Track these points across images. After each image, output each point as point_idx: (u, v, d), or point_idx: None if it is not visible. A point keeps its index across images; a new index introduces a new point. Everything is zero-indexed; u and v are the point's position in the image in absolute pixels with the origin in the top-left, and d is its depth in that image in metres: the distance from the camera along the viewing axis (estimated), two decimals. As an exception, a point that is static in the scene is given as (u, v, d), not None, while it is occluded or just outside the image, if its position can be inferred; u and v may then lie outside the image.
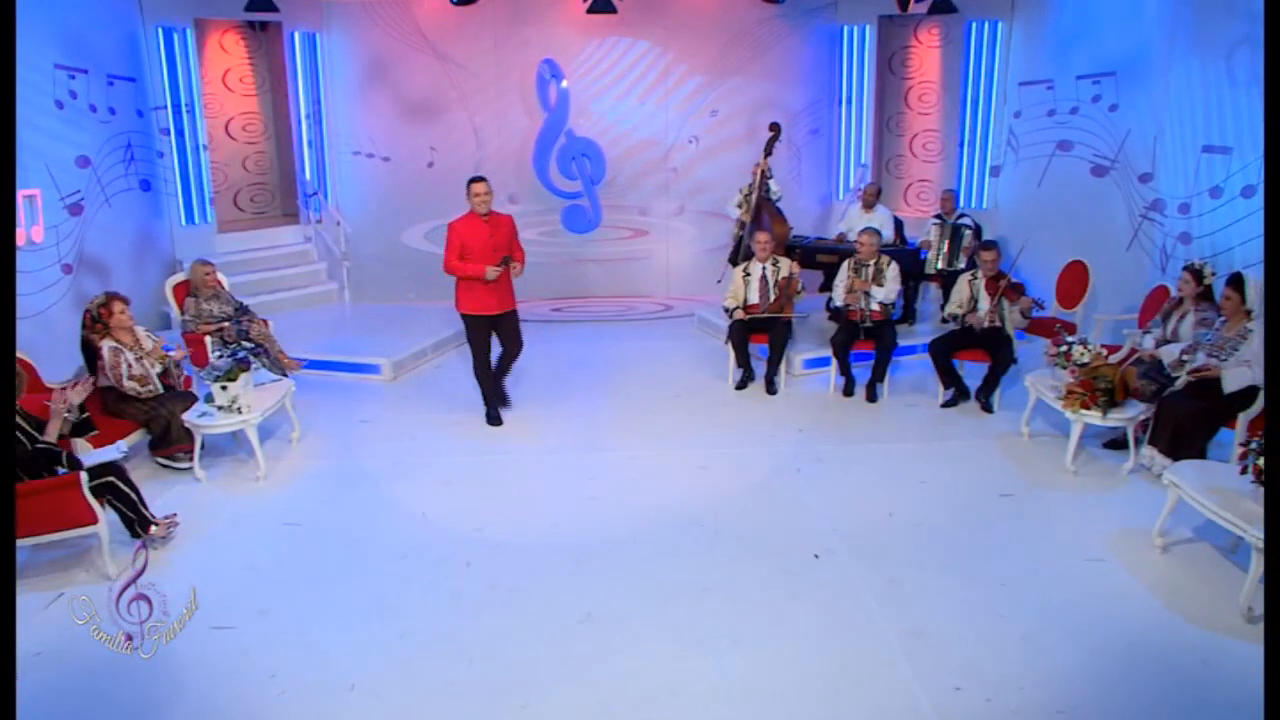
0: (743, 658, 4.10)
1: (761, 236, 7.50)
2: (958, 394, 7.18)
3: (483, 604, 4.56)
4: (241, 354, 6.05)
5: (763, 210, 8.38)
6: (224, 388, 5.88)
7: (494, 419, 6.90)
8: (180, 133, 9.08)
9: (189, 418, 5.85)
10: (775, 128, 8.53)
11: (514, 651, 4.17)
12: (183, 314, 7.29)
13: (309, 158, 10.15)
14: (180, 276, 7.62)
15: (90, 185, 7.87)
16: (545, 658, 4.12)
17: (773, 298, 7.46)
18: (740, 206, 8.68)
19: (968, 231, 8.57)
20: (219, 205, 10.24)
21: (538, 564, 4.90)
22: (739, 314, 7.49)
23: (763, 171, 8.40)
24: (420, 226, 10.52)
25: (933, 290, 9.14)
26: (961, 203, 9.61)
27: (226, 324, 7.18)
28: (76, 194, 7.66)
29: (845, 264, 7.53)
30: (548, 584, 4.72)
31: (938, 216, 8.81)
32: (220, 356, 5.94)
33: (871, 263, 7.39)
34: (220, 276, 7.59)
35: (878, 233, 7.52)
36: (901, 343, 7.73)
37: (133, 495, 4.97)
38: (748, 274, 7.59)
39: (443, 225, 10.43)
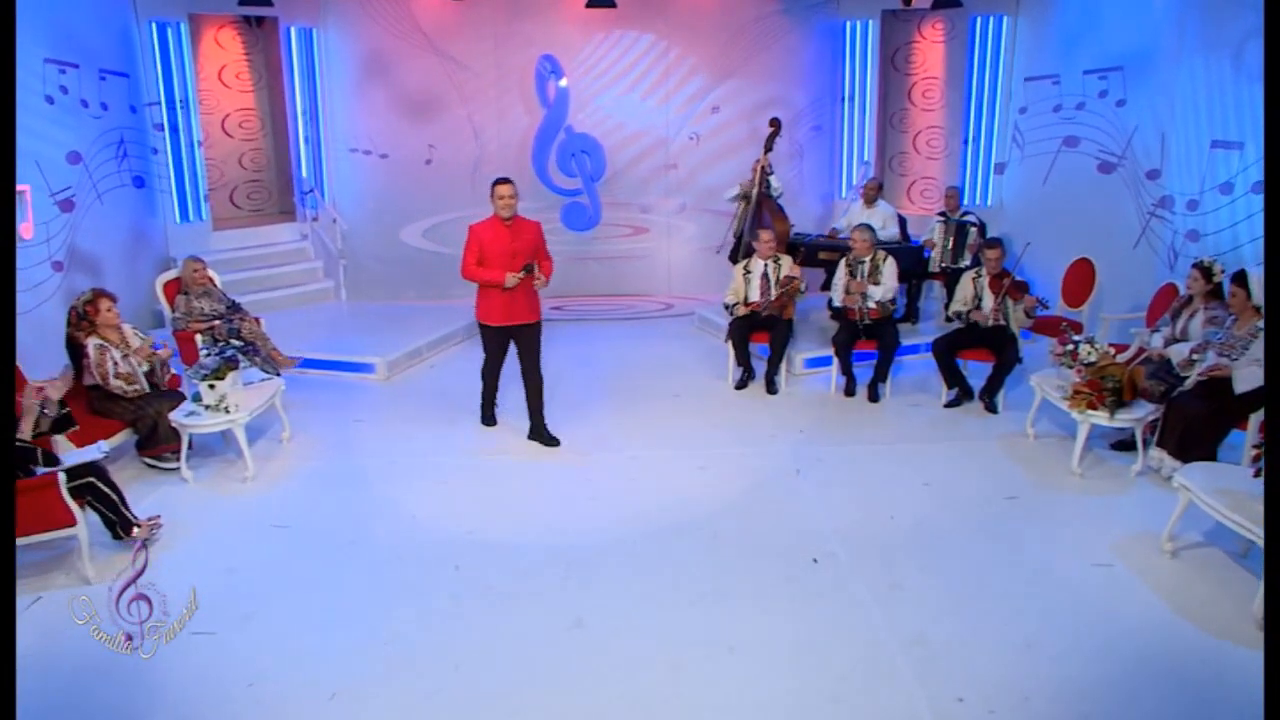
0: (739, 666, 3.97)
1: (765, 235, 7.36)
2: (961, 394, 7.03)
3: (471, 609, 4.42)
4: (230, 352, 5.92)
5: (763, 207, 8.24)
6: (212, 386, 5.76)
7: (488, 419, 6.75)
8: (174, 129, 8.96)
9: (176, 417, 5.73)
10: (775, 124, 8.40)
11: (502, 659, 4.04)
12: (173, 311, 7.18)
13: (305, 155, 10.02)
14: (171, 274, 7.50)
15: (81, 181, 7.75)
16: (534, 665, 3.99)
17: (774, 296, 7.31)
18: (738, 199, 8.55)
19: (972, 229, 8.42)
20: (215, 202, 10.13)
21: (529, 568, 4.77)
22: (740, 309, 7.35)
23: (763, 168, 8.26)
24: (419, 224, 10.41)
25: (936, 289, 9.00)
26: (966, 200, 9.47)
27: (218, 322, 7.05)
28: (67, 190, 7.55)
29: (841, 263, 7.39)
30: (539, 589, 4.58)
31: (941, 214, 8.66)
32: (208, 355, 5.81)
33: (867, 260, 7.25)
34: (211, 274, 7.46)
35: (871, 229, 7.37)
36: (904, 342, 7.60)
37: (113, 496, 4.85)
38: (748, 272, 7.45)
39: (442, 223, 10.46)
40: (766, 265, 7.38)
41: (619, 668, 3.97)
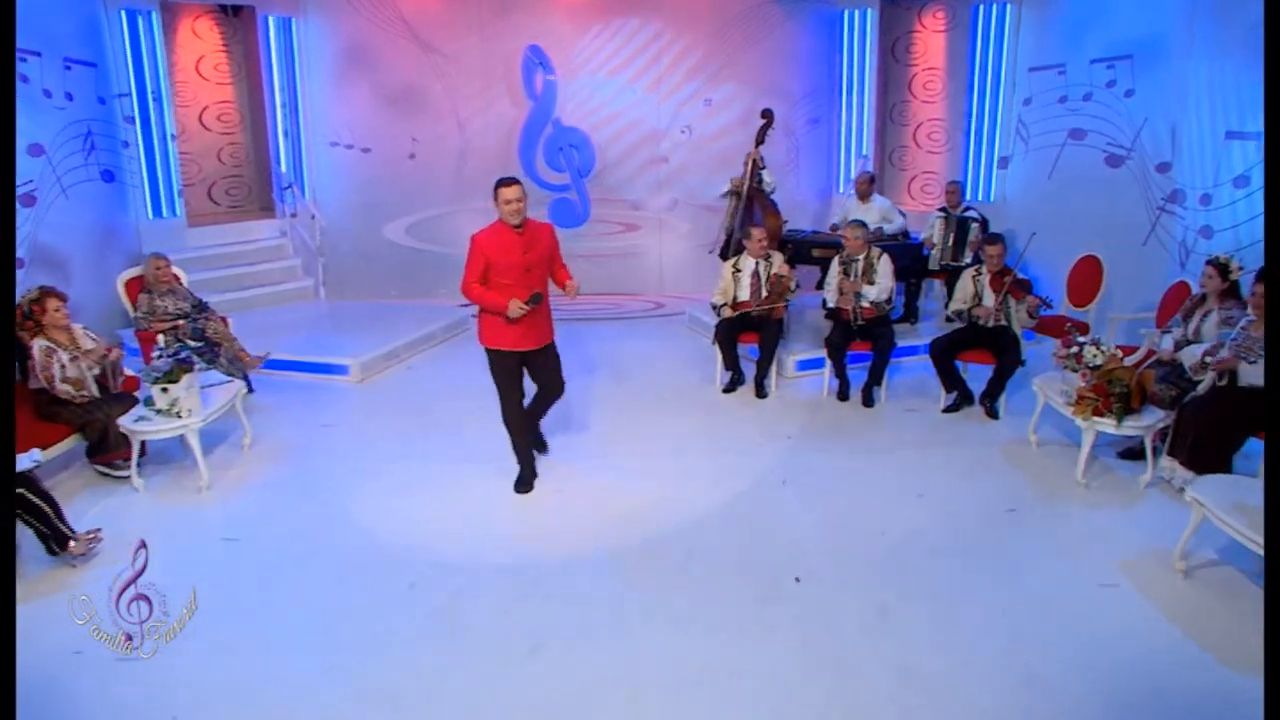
0: (708, 698, 3.63)
1: (756, 232, 7.01)
2: (960, 398, 6.68)
3: (422, 633, 4.09)
4: (185, 354, 5.59)
5: (755, 203, 7.88)
6: (164, 390, 5.44)
7: (525, 482, 5.46)
8: (146, 121, 8.62)
9: (125, 422, 5.40)
10: (768, 115, 8.03)
11: (451, 689, 3.70)
12: (135, 310, 6.87)
13: (285, 149, 9.70)
14: (134, 271, 7.17)
15: (44, 175, 7.43)
16: (484, 696, 3.66)
17: (765, 295, 6.97)
18: (730, 195, 8.20)
19: (974, 225, 8.05)
20: (192, 198, 9.86)
21: (487, 587, 4.43)
22: (726, 311, 7.00)
23: (754, 161, 7.91)
24: (402, 221, 10.09)
25: (937, 288, 8.64)
26: (968, 195, 9.11)
27: (182, 321, 6.76)
28: (29, 184, 7.24)
29: (834, 261, 7.04)
30: (497, 610, 4.25)
31: (942, 210, 8.29)
32: (160, 356, 5.48)
33: (861, 258, 6.90)
34: (177, 271, 7.17)
35: (864, 225, 7.01)
36: (902, 343, 7.26)
37: (46, 508, 4.52)
38: (738, 269, 7.11)
39: (425, 219, 10.15)
40: (757, 263, 7.03)
41: (575, 698, 3.63)
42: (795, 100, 9.86)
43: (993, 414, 6.52)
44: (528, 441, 5.50)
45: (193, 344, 6.13)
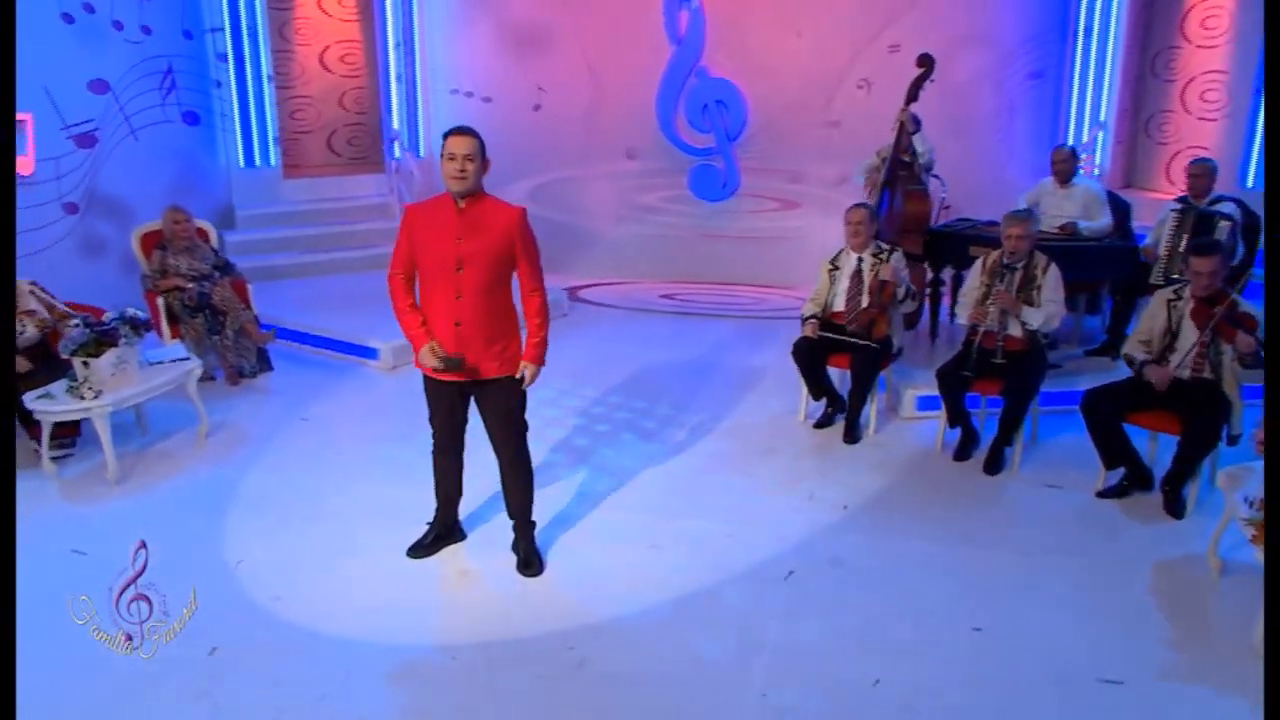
0: None
1: (853, 214, 5.63)
2: (1132, 479, 4.93)
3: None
4: (112, 324, 5.24)
5: (897, 180, 6.41)
6: (85, 364, 5.13)
7: (422, 546, 4.46)
8: (240, 60, 8.60)
9: (29, 398, 5.13)
10: (926, 63, 6.53)
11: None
12: (147, 267, 6.71)
13: (398, 95, 9.40)
14: (151, 225, 7.02)
15: (109, 114, 7.57)
16: None
17: (865, 304, 5.57)
18: (874, 170, 6.78)
19: (1224, 224, 6.04)
20: (310, 146, 9.90)
21: (304, 670, 3.61)
22: (810, 327, 5.66)
23: (902, 124, 6.44)
24: (524, 183, 9.44)
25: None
26: (1249, 180, 7.03)
27: (191, 285, 6.51)
28: (88, 123, 7.37)
29: (977, 263, 5.46)
30: (288, 705, 3.41)
31: (1180, 200, 6.33)
32: (76, 325, 5.17)
33: (1020, 266, 5.28)
34: (203, 226, 6.96)
35: (1030, 217, 5.36)
36: (1084, 384, 5.58)
37: None
38: (835, 267, 5.75)
39: (550, 182, 9.48)
40: (860, 261, 5.63)
41: None
42: (1009, 47, 8.13)
43: (1175, 509, 4.74)
44: (451, 488, 4.46)
45: (129, 317, 5.67)
